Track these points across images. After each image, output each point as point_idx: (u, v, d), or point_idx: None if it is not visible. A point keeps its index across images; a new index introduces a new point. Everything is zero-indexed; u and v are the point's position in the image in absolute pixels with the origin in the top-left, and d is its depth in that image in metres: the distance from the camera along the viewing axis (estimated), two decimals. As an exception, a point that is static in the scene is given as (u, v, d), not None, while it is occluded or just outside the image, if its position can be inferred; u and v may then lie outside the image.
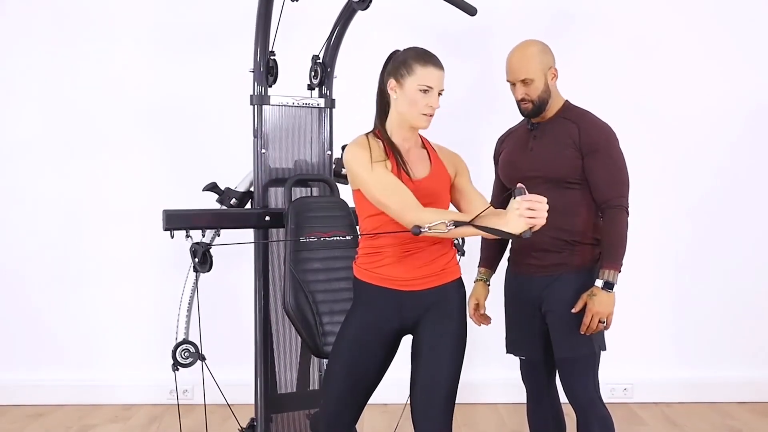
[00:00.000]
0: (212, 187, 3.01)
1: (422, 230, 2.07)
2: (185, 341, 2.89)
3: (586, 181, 2.61)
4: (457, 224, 2.07)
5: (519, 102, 2.67)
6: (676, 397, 4.29)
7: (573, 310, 2.57)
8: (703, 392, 4.30)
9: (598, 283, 2.55)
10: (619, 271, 2.57)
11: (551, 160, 2.62)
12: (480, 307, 2.85)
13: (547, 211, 2.55)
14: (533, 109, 2.65)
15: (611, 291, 2.55)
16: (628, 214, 2.62)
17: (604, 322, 2.56)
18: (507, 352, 2.82)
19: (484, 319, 2.88)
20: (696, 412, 4.14)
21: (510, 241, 2.77)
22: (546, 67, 2.63)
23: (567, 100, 2.72)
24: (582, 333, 2.55)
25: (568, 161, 2.60)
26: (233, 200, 3.01)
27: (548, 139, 2.65)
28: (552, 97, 2.66)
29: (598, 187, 2.59)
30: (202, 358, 2.88)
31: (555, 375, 2.76)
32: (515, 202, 1.97)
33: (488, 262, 2.89)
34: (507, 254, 2.87)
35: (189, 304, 2.95)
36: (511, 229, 1.97)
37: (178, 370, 2.87)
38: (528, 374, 2.80)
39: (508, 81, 2.68)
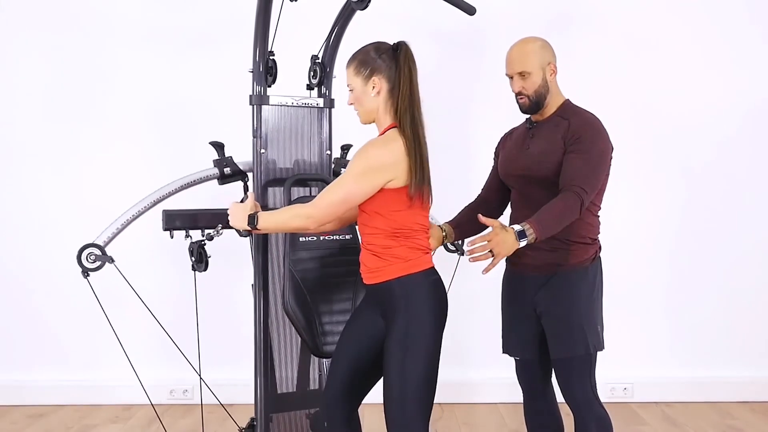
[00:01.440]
0: (218, 146, 3.02)
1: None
2: (91, 244, 2.78)
3: None
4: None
5: (516, 96, 2.66)
6: (676, 397, 4.29)
7: (480, 219, 2.43)
8: (703, 391, 4.30)
9: (516, 227, 2.38)
10: (537, 238, 2.39)
11: (543, 160, 2.59)
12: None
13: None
14: (530, 104, 2.63)
15: (518, 242, 2.38)
16: (582, 206, 2.47)
17: (492, 256, 2.35)
18: (503, 352, 2.82)
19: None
20: (696, 412, 4.14)
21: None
22: (545, 62, 2.62)
23: (567, 99, 2.70)
24: (468, 242, 2.40)
25: (555, 159, 2.56)
26: (227, 169, 3.02)
27: (542, 139, 2.63)
28: (551, 94, 2.64)
29: (566, 172, 2.50)
30: (111, 260, 2.79)
31: (551, 375, 2.76)
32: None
33: (453, 222, 2.76)
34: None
35: (128, 221, 2.85)
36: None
37: (88, 275, 2.78)
38: (523, 374, 2.79)
39: (506, 75, 2.68)
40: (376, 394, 2.55)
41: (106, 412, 4.14)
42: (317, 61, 3.08)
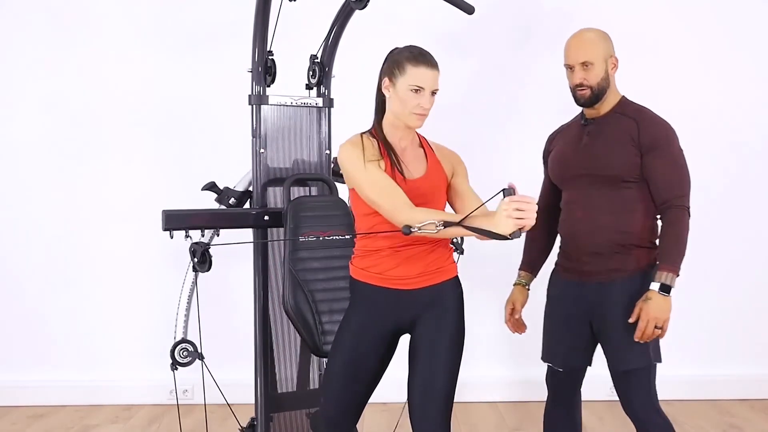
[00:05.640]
0: (211, 187, 3.01)
1: (413, 230, 2.07)
2: (183, 340, 2.88)
3: (643, 180, 2.48)
4: (447, 224, 2.07)
5: (575, 88, 2.53)
6: (675, 395, 4.29)
7: (629, 320, 2.43)
8: (703, 389, 4.30)
9: (654, 286, 2.41)
10: (677, 275, 2.44)
11: (606, 158, 2.49)
12: (515, 312, 2.75)
13: (602, 213, 2.47)
14: (591, 97, 2.51)
15: (667, 295, 2.42)
16: (689, 214, 2.48)
17: (660, 329, 2.43)
18: (543, 360, 2.70)
19: (519, 327, 2.77)
20: (696, 410, 4.14)
21: (559, 245, 2.68)
22: (607, 54, 2.52)
23: (624, 96, 2.60)
24: (636, 340, 2.42)
25: (625, 159, 2.47)
26: (232, 200, 3.01)
27: (604, 136, 2.52)
28: (610, 89, 2.54)
29: (658, 186, 2.46)
30: (201, 357, 2.87)
31: (582, 381, 2.67)
32: (503, 203, 1.94)
33: (529, 266, 2.77)
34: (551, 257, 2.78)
35: (188, 303, 2.94)
36: (500, 230, 1.96)
37: (177, 369, 2.86)
38: (556, 380, 2.69)
39: (565, 65, 2.56)
40: (376, 394, 2.54)
41: (107, 412, 4.14)
42: (316, 60, 3.08)
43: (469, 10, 2.89)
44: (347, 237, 2.84)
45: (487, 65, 4.24)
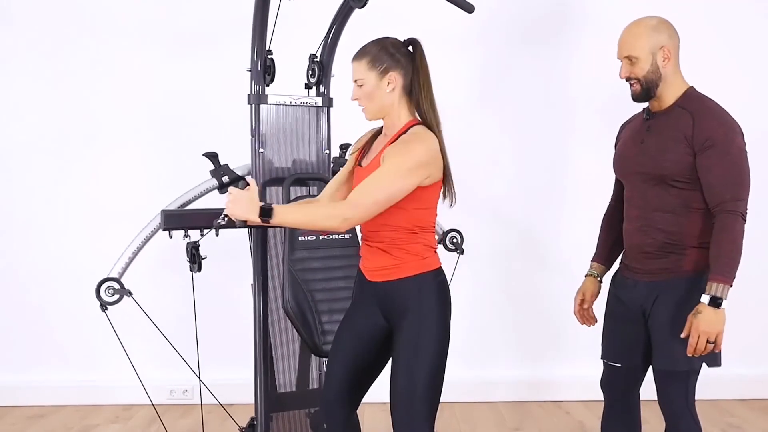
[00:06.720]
0: (212, 156, 2.99)
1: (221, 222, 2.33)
2: (109, 278, 2.84)
3: (698, 180, 2.37)
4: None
5: (627, 82, 2.47)
6: (676, 394, 4.29)
7: (681, 336, 2.34)
8: (702, 389, 4.24)
9: (704, 298, 2.29)
10: (730, 285, 2.32)
11: (658, 157, 2.40)
12: (585, 303, 2.69)
13: (655, 212, 2.41)
14: (641, 92, 2.44)
15: (719, 307, 2.29)
16: (744, 220, 2.39)
17: (713, 343, 2.31)
18: (602, 358, 2.63)
19: (588, 319, 2.70)
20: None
21: (623, 241, 2.60)
22: (656, 46, 2.41)
23: (691, 87, 2.47)
24: (689, 355, 2.33)
25: (675, 158, 2.37)
26: (225, 177, 2.99)
27: (660, 133, 2.42)
28: (666, 82, 2.43)
29: (711, 188, 2.34)
30: (129, 293, 2.81)
31: (640, 384, 2.61)
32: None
33: (601, 257, 2.69)
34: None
35: (138, 248, 2.89)
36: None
37: (106, 309, 2.82)
38: (613, 382, 2.61)
39: (617, 58, 2.50)
40: (376, 394, 2.55)
41: (107, 412, 4.14)
42: (315, 60, 3.08)
43: (469, 8, 2.89)
44: (346, 236, 2.83)
45: (487, 63, 4.23)
